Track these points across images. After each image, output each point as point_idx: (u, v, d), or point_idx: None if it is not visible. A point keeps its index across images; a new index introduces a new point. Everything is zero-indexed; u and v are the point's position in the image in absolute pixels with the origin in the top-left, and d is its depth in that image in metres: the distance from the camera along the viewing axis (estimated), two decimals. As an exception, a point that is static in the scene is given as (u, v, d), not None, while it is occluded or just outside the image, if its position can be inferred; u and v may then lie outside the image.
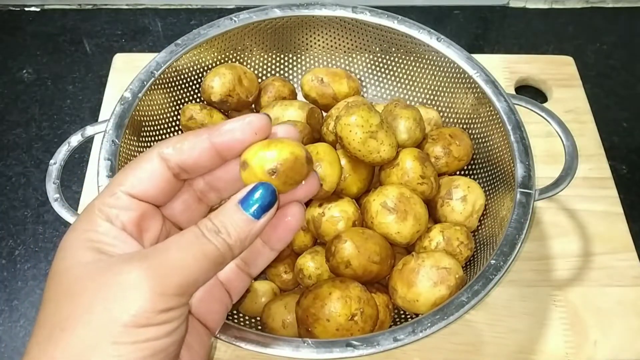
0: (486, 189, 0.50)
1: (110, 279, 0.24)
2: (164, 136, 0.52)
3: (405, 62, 0.56)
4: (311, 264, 0.46)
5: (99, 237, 0.26)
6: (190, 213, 0.31)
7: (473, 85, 0.50)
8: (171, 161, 0.27)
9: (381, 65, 0.58)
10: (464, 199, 0.47)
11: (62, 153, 0.45)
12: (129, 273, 0.24)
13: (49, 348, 0.23)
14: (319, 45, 0.57)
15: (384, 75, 0.58)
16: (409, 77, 0.57)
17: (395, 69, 0.57)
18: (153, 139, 0.50)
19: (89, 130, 0.46)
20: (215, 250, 0.25)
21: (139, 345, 0.23)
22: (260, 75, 0.58)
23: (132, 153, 0.47)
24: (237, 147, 0.28)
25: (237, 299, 0.32)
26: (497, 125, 0.48)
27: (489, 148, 0.50)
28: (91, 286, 0.24)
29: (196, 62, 0.52)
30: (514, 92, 0.64)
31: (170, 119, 0.52)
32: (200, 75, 0.53)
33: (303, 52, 0.58)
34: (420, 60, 0.54)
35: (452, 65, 0.51)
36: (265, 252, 0.32)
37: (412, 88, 0.57)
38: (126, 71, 0.64)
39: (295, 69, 0.59)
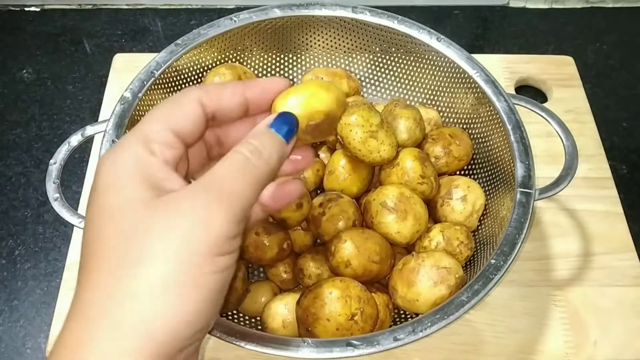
0: (486, 188, 0.50)
1: (181, 214, 0.24)
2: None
3: (405, 62, 0.56)
4: (311, 264, 0.46)
5: (152, 171, 0.26)
6: (198, 161, 0.32)
7: (473, 85, 0.50)
8: (209, 107, 0.29)
9: (381, 65, 0.58)
10: (464, 198, 0.47)
11: (62, 153, 0.45)
12: (199, 206, 0.24)
13: (125, 280, 0.23)
14: (319, 45, 0.57)
15: (384, 75, 0.58)
16: (409, 77, 0.57)
17: (395, 69, 0.57)
18: (153, 138, 0.50)
19: (89, 130, 0.46)
20: (263, 174, 0.27)
21: (217, 275, 0.24)
22: (260, 75, 0.58)
23: (132, 153, 0.47)
24: (265, 104, 0.31)
25: None
26: (497, 125, 0.48)
27: (489, 148, 0.50)
28: (162, 223, 0.24)
29: (196, 62, 0.52)
30: (514, 92, 0.64)
31: (170, 119, 0.52)
32: (200, 75, 0.53)
33: (303, 52, 0.58)
34: (420, 60, 0.54)
35: (452, 65, 0.51)
36: (258, 210, 0.32)
37: (412, 88, 0.57)
38: (126, 71, 0.64)
39: (295, 69, 0.59)
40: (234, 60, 0.55)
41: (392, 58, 0.56)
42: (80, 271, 0.25)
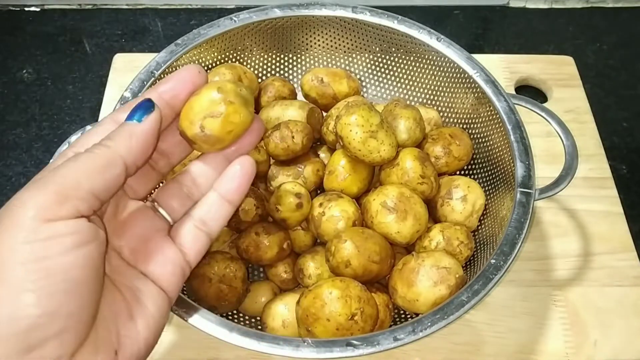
0: (486, 188, 0.50)
1: (16, 198, 0.25)
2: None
3: (405, 62, 0.56)
4: (311, 264, 0.46)
5: None
6: (145, 180, 0.34)
7: (473, 85, 0.50)
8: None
9: (381, 65, 0.58)
10: (464, 198, 0.47)
11: (62, 153, 0.45)
12: (28, 187, 0.26)
13: None
14: (319, 45, 0.57)
15: (384, 75, 0.58)
16: (409, 77, 0.57)
17: (395, 69, 0.57)
18: (153, 138, 0.50)
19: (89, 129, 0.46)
20: (97, 156, 0.27)
21: (53, 241, 0.24)
22: (260, 75, 0.58)
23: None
24: (182, 93, 0.32)
25: (197, 260, 0.33)
26: (497, 125, 0.48)
27: (489, 148, 0.50)
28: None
29: (196, 62, 0.52)
30: (514, 92, 0.64)
31: (170, 119, 0.52)
32: (200, 75, 0.53)
33: (303, 52, 0.58)
34: (420, 60, 0.54)
35: (452, 65, 0.51)
36: (223, 205, 0.33)
37: (412, 88, 0.57)
38: (126, 71, 0.64)
39: (295, 69, 0.59)
40: (234, 60, 0.55)
41: (392, 58, 0.56)
42: None
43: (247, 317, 0.48)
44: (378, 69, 0.58)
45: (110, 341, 0.27)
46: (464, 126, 0.54)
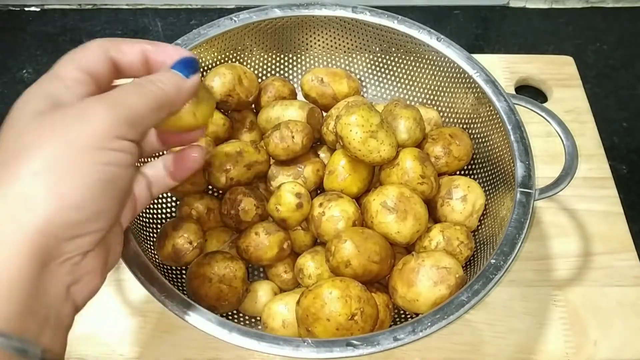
0: (486, 188, 0.50)
1: (66, 113, 0.27)
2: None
3: (405, 62, 0.56)
4: (311, 264, 0.46)
5: (56, 93, 0.29)
6: None
7: (473, 85, 0.50)
8: (111, 51, 0.32)
9: (381, 65, 0.58)
10: (464, 198, 0.47)
11: (62, 153, 0.45)
12: (88, 104, 0.28)
13: (9, 167, 0.26)
14: (319, 45, 0.57)
15: (384, 75, 0.58)
16: (409, 77, 0.57)
17: (395, 69, 0.57)
18: (153, 138, 0.50)
19: (89, 130, 0.46)
20: (155, 92, 0.30)
21: (97, 167, 0.27)
22: (260, 75, 0.58)
23: (132, 153, 0.47)
24: (163, 63, 0.33)
25: (141, 209, 0.36)
26: (497, 125, 0.48)
27: (489, 148, 0.50)
28: (49, 121, 0.27)
29: (196, 62, 0.52)
30: (514, 92, 0.64)
31: (170, 119, 0.52)
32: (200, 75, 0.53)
33: (303, 52, 0.58)
34: (420, 60, 0.54)
35: (452, 65, 0.51)
36: (167, 180, 0.36)
37: (412, 88, 0.57)
38: (126, 71, 0.64)
39: (295, 69, 0.59)
40: (234, 60, 0.55)
41: (392, 58, 0.56)
42: None
43: (247, 317, 0.48)
44: (378, 69, 0.58)
45: (106, 245, 0.31)
46: (464, 126, 0.54)
